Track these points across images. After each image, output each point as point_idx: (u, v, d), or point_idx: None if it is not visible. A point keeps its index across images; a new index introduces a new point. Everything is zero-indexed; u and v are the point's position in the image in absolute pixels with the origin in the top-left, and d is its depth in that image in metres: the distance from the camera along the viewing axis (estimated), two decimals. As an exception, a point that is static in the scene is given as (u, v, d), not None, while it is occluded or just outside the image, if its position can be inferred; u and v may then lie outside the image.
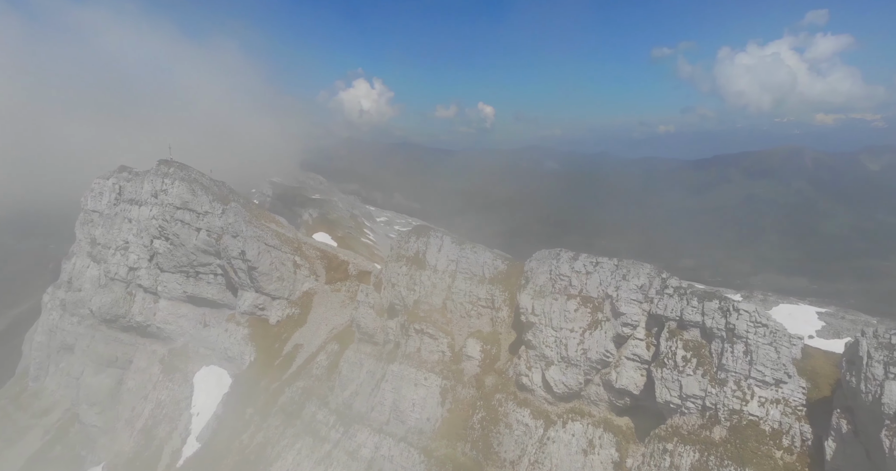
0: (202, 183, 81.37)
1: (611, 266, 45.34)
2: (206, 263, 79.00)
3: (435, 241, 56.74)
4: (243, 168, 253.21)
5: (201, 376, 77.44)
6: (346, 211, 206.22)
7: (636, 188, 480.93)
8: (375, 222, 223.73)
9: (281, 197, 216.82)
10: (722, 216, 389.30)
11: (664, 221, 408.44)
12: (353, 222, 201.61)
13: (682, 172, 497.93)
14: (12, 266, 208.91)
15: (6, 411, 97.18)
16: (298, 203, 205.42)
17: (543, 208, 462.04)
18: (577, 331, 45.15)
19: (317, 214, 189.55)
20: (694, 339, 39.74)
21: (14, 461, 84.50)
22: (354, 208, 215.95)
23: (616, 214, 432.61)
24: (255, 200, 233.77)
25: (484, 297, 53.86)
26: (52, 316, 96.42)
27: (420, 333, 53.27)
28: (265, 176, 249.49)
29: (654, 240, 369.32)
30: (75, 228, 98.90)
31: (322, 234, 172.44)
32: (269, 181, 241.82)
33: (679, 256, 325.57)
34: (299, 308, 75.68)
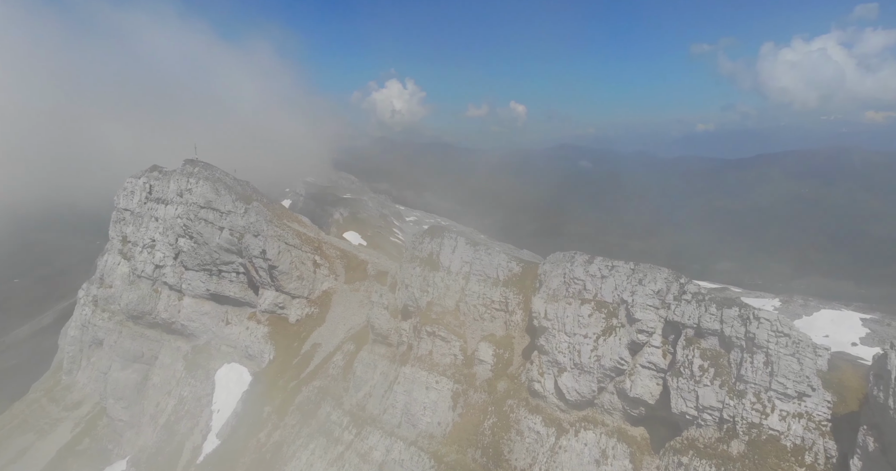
0: (226, 182, 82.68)
1: (627, 270, 43.88)
2: (228, 261, 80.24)
3: (449, 242, 56.10)
4: (278, 168, 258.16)
5: (223, 373, 78.65)
6: (375, 210, 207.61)
7: (673, 188, 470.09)
8: (405, 222, 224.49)
9: (314, 196, 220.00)
10: (763, 217, 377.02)
11: (702, 222, 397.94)
12: (383, 222, 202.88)
13: (721, 172, 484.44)
14: (61, 261, 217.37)
15: (40, 403, 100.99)
16: (330, 202, 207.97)
17: (576, 208, 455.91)
18: (591, 337, 43.86)
19: (347, 213, 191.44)
20: (712, 348, 38.06)
21: (46, 453, 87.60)
22: (384, 208, 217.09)
23: (652, 214, 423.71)
24: (289, 199, 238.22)
25: (498, 299, 52.95)
26: (84, 311, 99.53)
27: (432, 335, 52.74)
28: (299, 176, 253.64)
29: (692, 241, 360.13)
30: (109, 226, 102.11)
31: (352, 233, 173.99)
32: (302, 181, 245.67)
33: (717, 259, 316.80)
34: (318, 307, 76.13)
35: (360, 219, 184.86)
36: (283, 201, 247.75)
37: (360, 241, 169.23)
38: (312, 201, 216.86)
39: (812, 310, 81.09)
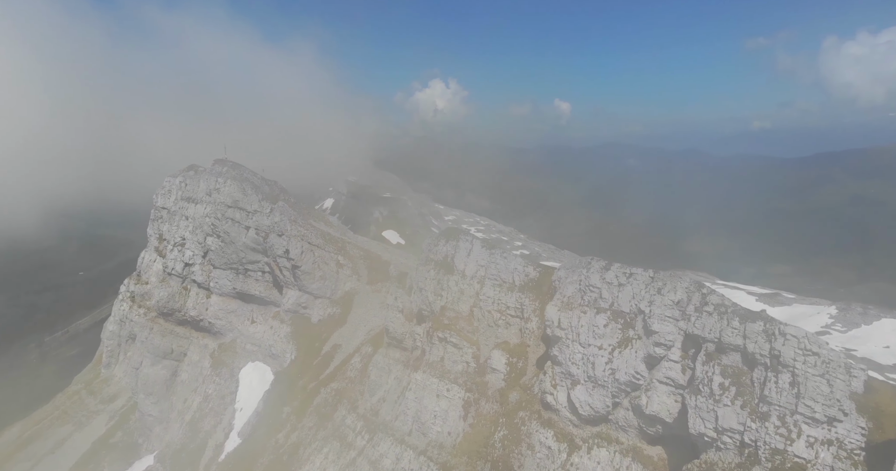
0: (253, 182, 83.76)
1: (645, 278, 41.44)
2: (254, 260, 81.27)
3: (464, 244, 54.71)
4: (322, 167, 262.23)
5: (247, 371, 79.78)
6: (414, 210, 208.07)
7: (727, 187, 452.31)
8: (443, 221, 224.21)
9: (355, 195, 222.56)
10: (824, 219, 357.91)
11: (757, 224, 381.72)
12: (421, 221, 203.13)
13: (779, 171, 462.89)
14: (124, 256, 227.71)
15: (80, 395, 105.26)
16: (370, 201, 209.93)
17: (622, 208, 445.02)
18: (606, 349, 41.66)
19: (387, 212, 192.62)
20: (734, 364, 35.35)
21: (82, 444, 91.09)
22: (423, 207, 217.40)
23: (704, 214, 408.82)
24: (332, 197, 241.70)
25: (513, 305, 51.23)
26: (122, 307, 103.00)
27: (444, 341, 51.51)
28: (342, 175, 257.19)
29: (746, 243, 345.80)
30: (148, 223, 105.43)
31: (391, 231, 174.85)
32: (345, 180, 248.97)
33: (773, 262, 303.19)
34: (340, 308, 76.10)
35: (399, 218, 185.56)
36: (325, 200, 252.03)
37: (398, 239, 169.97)
38: (354, 200, 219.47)
39: (872, 318, 75.99)
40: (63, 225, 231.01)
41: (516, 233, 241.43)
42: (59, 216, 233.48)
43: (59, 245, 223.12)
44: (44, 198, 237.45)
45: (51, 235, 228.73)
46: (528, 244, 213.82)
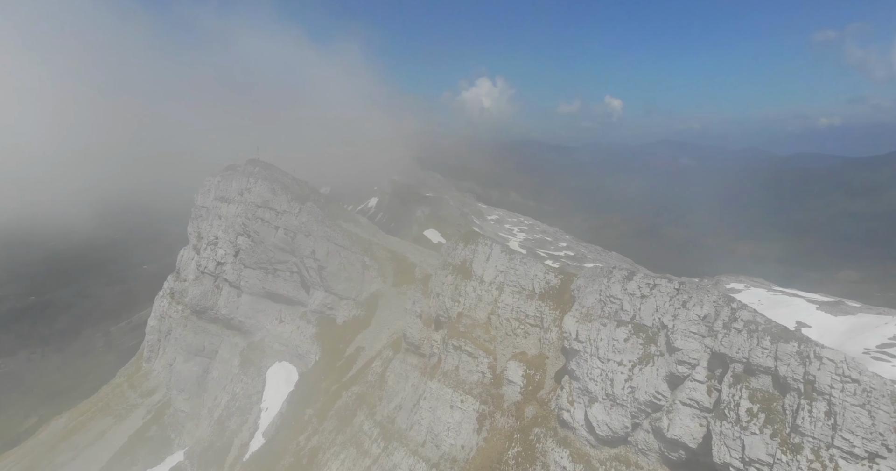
0: (283, 182, 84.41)
1: (670, 290, 38.47)
2: (283, 260, 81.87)
3: (483, 249, 52.78)
4: (367, 166, 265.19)
5: (273, 371, 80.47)
6: (456, 209, 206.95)
7: (789, 187, 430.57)
8: (485, 220, 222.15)
9: (398, 194, 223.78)
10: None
11: (823, 226, 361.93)
12: (463, 220, 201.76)
13: (847, 171, 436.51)
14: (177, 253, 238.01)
15: (121, 388, 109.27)
16: (413, 200, 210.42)
17: (675, 208, 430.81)
18: (626, 365, 38.94)
19: (429, 211, 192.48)
20: (764, 388, 32.13)
21: (120, 437, 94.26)
22: (465, 206, 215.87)
23: (764, 216, 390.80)
24: (377, 196, 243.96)
25: (532, 314, 48.96)
26: (162, 303, 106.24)
27: (458, 350, 49.79)
28: (387, 174, 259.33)
29: (811, 247, 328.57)
30: (189, 221, 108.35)
31: (432, 230, 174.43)
32: (389, 179, 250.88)
33: (840, 267, 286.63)
34: (365, 310, 75.57)
35: (441, 217, 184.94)
36: (370, 199, 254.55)
37: (439, 238, 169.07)
38: (397, 199, 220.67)
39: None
40: (125, 221, 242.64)
41: (561, 233, 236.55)
42: (119, 213, 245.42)
43: (124, 240, 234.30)
44: (100, 195, 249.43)
45: (114, 231, 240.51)
46: (573, 245, 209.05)
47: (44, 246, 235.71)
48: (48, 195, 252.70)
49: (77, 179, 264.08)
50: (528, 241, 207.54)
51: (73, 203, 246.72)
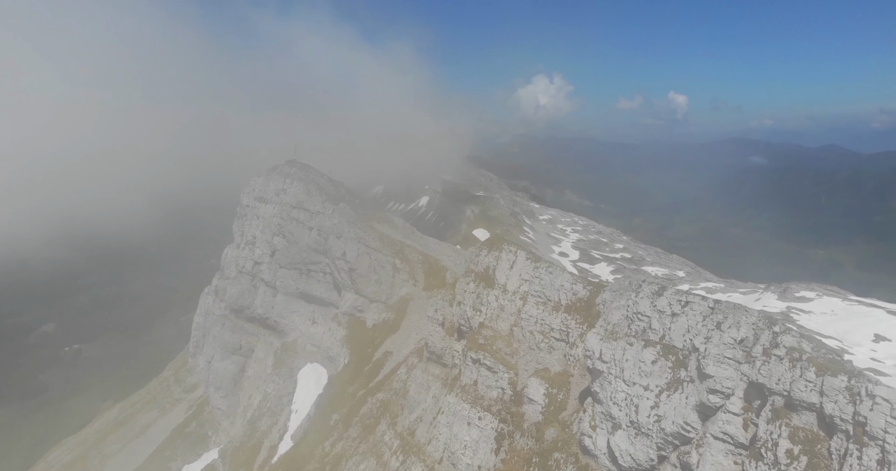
0: (318, 183, 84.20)
1: (703, 308, 34.54)
2: (316, 261, 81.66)
3: (507, 256, 49.91)
4: (420, 166, 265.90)
5: (305, 372, 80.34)
6: (506, 208, 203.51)
7: (872, 188, 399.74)
8: (537, 220, 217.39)
9: (448, 193, 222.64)
10: None
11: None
12: (514, 220, 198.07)
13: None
14: None
15: (168, 382, 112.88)
16: (462, 200, 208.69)
17: (744, 209, 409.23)
18: (653, 390, 35.31)
19: (478, 210, 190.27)
20: (807, 427, 27.98)
21: (163, 431, 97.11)
22: (515, 206, 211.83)
23: (843, 218, 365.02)
24: (427, 196, 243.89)
25: (557, 327, 45.75)
26: (207, 300, 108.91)
27: (477, 363, 47.21)
28: (438, 173, 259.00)
29: (894, 253, 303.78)
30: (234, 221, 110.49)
31: (481, 230, 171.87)
32: (440, 178, 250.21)
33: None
34: (394, 313, 74.10)
35: (491, 217, 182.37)
36: (421, 198, 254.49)
37: None
38: (446, 198, 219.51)
39: None
40: (198, 218, 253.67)
41: (618, 234, 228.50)
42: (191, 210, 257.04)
43: (197, 236, 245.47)
44: (173, 195, 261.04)
45: (186, 228, 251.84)
46: (630, 247, 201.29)
47: (122, 239, 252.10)
48: (124, 194, 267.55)
49: (150, 178, 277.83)
50: (581, 242, 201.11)
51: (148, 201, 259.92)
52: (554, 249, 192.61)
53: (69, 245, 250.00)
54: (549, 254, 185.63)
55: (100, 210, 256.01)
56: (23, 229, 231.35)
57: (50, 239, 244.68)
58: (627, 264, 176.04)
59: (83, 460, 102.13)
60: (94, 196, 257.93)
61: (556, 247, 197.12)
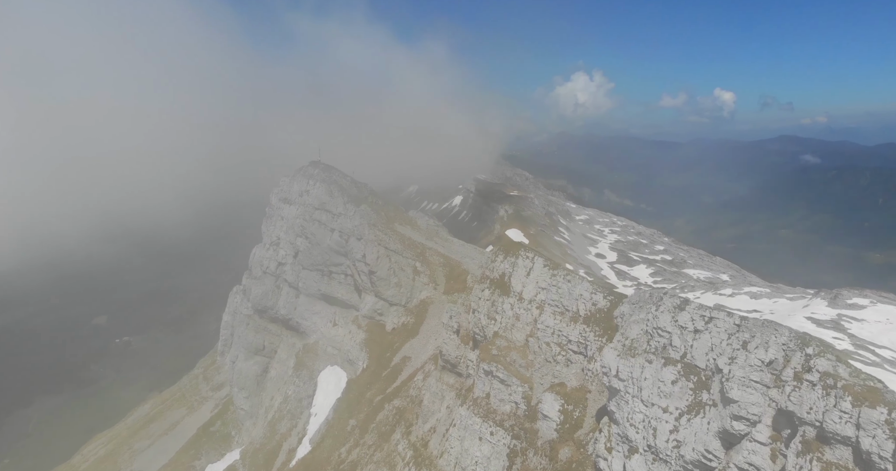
0: (340, 185, 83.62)
1: (728, 325, 31.75)
2: (338, 263, 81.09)
3: (524, 262, 47.73)
4: (455, 166, 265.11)
5: (325, 375, 79.84)
6: (541, 208, 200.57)
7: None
8: (573, 221, 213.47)
9: (481, 193, 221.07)
10: None
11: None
12: (548, 220, 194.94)
13: None
14: None
15: (197, 379, 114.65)
16: (496, 199, 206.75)
17: (794, 210, 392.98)
18: (672, 412, 32.72)
19: (512, 210, 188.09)
20: (841, 463, 25.10)
21: (189, 428, 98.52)
22: (550, 205, 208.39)
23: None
24: (461, 195, 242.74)
25: (575, 340, 43.37)
26: (236, 299, 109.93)
27: (490, 375, 45.26)
28: (472, 173, 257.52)
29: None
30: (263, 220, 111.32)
31: (515, 230, 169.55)
32: (473, 178, 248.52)
33: None
34: (414, 317, 72.78)
35: (524, 217, 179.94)
36: (455, 197, 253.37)
37: (521, 239, 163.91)
38: (480, 198, 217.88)
39: None
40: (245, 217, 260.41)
41: (659, 235, 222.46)
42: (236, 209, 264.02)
43: (242, 234, 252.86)
44: (200, 191, 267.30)
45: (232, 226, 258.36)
46: (671, 249, 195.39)
47: (172, 235, 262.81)
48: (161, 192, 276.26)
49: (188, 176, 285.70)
50: (619, 243, 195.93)
51: (186, 199, 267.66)
52: (590, 251, 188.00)
53: (112, 241, 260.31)
54: (586, 255, 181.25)
55: (136, 207, 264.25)
56: (65, 226, 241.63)
57: (92, 235, 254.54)
58: (668, 267, 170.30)
59: (114, 456, 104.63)
60: (130, 194, 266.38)
61: (593, 248, 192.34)
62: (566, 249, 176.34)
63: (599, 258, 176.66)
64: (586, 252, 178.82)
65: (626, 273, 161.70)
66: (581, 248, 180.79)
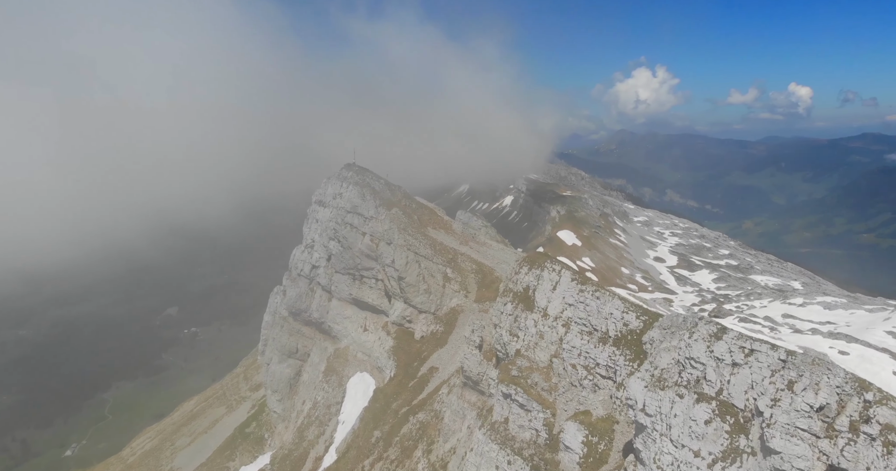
0: (373, 188, 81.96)
1: (772, 360, 27.30)
2: (368, 267, 79.47)
3: (549, 275, 44.04)
4: (506, 164, 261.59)
5: (354, 382, 78.43)
6: (595, 209, 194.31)
7: None
8: (631, 222, 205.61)
9: (533, 193, 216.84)
10: None
11: None
12: (603, 221, 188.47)
13: None
14: None
15: (238, 378, 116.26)
16: (548, 199, 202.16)
17: (879, 213, 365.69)
18: (705, 458, 28.58)
19: (564, 211, 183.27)
20: (906, 544, 20.59)
21: (227, 428, 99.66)
22: (606, 206, 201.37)
23: None
24: (511, 195, 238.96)
25: (604, 363, 39.46)
26: (276, 299, 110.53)
27: (508, 398, 41.91)
28: (525, 172, 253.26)
29: None
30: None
31: (567, 232, 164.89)
32: (524, 177, 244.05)
33: None
34: (443, 326, 70.08)
35: (577, 218, 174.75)
36: (505, 197, 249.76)
37: (574, 241, 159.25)
38: (531, 198, 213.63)
39: None
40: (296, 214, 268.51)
41: (725, 239, 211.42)
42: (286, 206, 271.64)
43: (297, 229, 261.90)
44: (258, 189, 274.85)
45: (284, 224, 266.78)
46: (737, 253, 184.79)
47: (240, 232, 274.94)
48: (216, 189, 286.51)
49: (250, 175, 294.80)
50: (680, 246, 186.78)
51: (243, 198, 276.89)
52: (648, 254, 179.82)
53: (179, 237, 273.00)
54: (643, 259, 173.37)
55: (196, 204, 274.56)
56: (124, 221, 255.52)
57: (151, 231, 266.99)
58: (733, 272, 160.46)
59: (157, 452, 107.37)
60: (188, 191, 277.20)
61: (652, 251, 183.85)
62: (622, 252, 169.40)
63: (658, 262, 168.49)
64: (644, 255, 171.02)
65: (686, 278, 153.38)
66: (638, 251, 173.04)
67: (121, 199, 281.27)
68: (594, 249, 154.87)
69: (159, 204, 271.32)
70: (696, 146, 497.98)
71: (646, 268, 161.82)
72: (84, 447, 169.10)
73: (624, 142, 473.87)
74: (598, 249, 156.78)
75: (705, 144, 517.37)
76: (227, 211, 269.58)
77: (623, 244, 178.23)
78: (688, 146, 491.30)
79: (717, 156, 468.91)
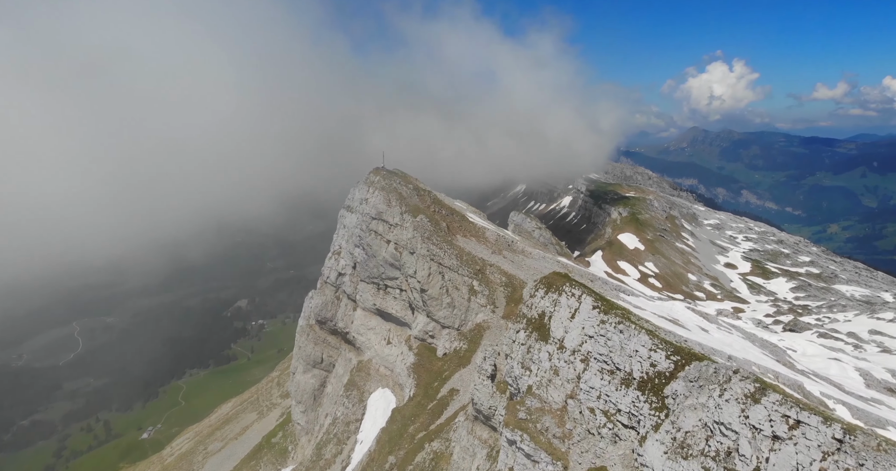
0: (400, 193, 78.08)
1: (825, 439, 21.01)
2: (392, 277, 75.68)
3: (567, 301, 38.38)
4: (566, 164, 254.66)
5: (375, 398, 74.91)
6: (661, 211, 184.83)
7: None
8: (700, 225, 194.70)
9: (593, 193, 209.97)
10: None
11: None
12: (670, 224, 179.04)
13: None
14: None
15: (272, 383, 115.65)
16: (609, 200, 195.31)
17: None
18: (733, 554, 22.62)
19: (626, 212, 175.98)
20: None
21: (256, 435, 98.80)
22: (673, 208, 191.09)
23: None
24: (570, 195, 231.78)
25: (626, 410, 33.56)
26: (308, 304, 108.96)
27: (513, 445, 36.64)
28: (583, 171, 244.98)
29: None
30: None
31: (628, 235, 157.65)
32: (584, 177, 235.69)
33: None
34: (467, 343, 65.19)
35: (641, 220, 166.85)
36: (563, 198, 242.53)
37: (636, 244, 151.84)
38: (591, 199, 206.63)
39: None
40: None
41: (806, 244, 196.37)
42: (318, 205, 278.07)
43: None
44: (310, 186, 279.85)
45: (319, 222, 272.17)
46: (820, 260, 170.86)
47: (304, 229, 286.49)
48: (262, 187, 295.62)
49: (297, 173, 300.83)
50: (755, 252, 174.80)
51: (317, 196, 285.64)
52: (719, 260, 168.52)
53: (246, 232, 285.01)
54: (713, 265, 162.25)
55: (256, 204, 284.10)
56: (175, 217, 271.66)
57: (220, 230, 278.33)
58: (814, 281, 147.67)
59: (191, 455, 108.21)
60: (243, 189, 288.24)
61: (722, 257, 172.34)
62: (689, 257, 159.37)
63: (729, 268, 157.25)
64: (714, 261, 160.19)
65: (760, 287, 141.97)
66: (708, 256, 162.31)
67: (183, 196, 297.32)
68: (658, 253, 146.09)
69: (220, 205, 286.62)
70: (777, 144, 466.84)
71: (715, 274, 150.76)
72: (159, 431, 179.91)
73: (696, 140, 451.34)
74: (662, 253, 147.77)
75: (787, 142, 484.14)
76: (296, 211, 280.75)
77: (691, 249, 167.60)
78: (767, 144, 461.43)
79: (799, 155, 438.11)
